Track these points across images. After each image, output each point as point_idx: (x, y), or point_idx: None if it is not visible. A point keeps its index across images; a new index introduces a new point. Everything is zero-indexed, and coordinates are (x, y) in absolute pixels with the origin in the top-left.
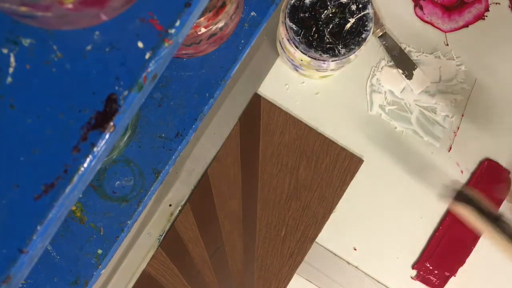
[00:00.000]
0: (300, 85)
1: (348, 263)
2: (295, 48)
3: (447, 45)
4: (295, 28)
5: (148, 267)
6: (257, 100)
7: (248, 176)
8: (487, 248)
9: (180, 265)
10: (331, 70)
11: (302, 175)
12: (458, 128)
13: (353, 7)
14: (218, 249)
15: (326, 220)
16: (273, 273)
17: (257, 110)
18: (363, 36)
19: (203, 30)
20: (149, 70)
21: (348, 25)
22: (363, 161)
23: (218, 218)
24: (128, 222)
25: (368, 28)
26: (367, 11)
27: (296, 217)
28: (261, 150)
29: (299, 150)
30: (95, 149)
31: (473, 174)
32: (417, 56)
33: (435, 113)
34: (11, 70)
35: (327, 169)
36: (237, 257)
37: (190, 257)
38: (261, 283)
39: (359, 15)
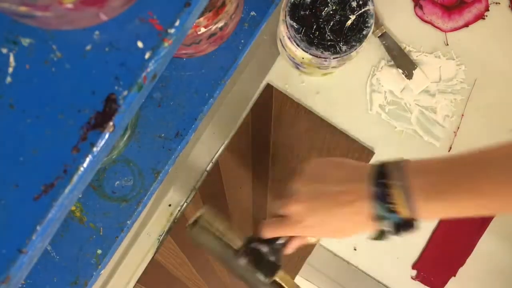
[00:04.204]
0: (300, 85)
1: (348, 263)
2: (296, 46)
3: (447, 45)
4: (296, 26)
5: (158, 255)
6: (269, 91)
7: (258, 166)
8: (487, 248)
9: (189, 254)
10: (333, 67)
11: None
12: (458, 128)
13: (354, 4)
14: None
15: None
16: (282, 263)
17: (269, 101)
18: (364, 32)
19: (203, 30)
20: (148, 70)
21: (349, 22)
22: (374, 153)
23: (228, 207)
24: (128, 222)
25: (369, 25)
26: (367, 7)
27: None
28: (272, 141)
29: (310, 141)
30: (94, 149)
31: None
32: (417, 56)
33: (435, 113)
34: (10, 70)
35: None
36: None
37: None
38: None
39: (360, 11)
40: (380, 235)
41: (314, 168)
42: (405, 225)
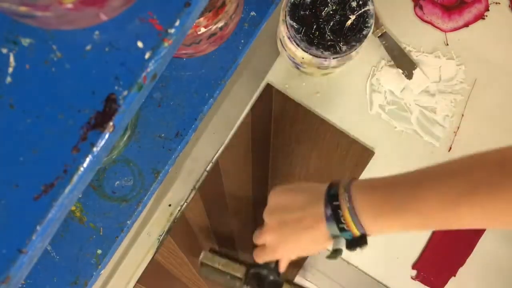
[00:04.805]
0: (300, 85)
1: (348, 263)
2: (296, 46)
3: (447, 45)
4: (296, 26)
5: (158, 255)
6: (269, 91)
7: (258, 165)
8: (487, 248)
9: (189, 254)
10: (333, 67)
11: (313, 166)
12: (458, 128)
13: (354, 4)
14: (228, 238)
15: None
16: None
17: (269, 101)
18: (364, 32)
19: (203, 30)
20: (148, 70)
21: (349, 22)
22: (374, 153)
23: (228, 207)
24: (128, 222)
25: (369, 25)
26: (367, 7)
27: None
28: (272, 141)
29: (310, 141)
30: (94, 149)
31: None
32: (417, 56)
33: (435, 113)
34: (10, 70)
35: (338, 160)
36: (246, 246)
37: (199, 245)
38: None
39: (360, 11)
40: (335, 253)
41: (276, 199)
42: (358, 241)
